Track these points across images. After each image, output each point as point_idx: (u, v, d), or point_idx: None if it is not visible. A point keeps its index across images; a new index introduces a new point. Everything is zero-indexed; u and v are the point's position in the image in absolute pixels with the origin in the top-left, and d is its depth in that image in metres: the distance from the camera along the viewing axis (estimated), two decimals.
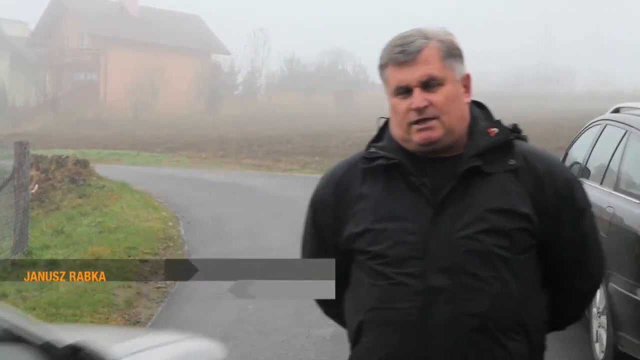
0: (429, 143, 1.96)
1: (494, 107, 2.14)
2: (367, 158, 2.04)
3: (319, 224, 2.13)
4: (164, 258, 9.34)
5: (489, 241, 1.91)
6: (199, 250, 9.87)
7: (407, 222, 1.94)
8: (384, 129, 2.09)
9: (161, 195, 14.75)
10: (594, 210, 5.44)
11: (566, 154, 6.74)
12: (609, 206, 4.96)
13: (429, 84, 1.95)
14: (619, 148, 5.34)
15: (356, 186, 2.04)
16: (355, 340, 2.04)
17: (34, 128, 40.46)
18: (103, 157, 24.54)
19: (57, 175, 15.11)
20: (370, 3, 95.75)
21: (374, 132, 2.09)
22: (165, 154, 25.71)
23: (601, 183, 5.43)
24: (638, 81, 55.49)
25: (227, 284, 8.34)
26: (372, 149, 2.05)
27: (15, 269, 8.19)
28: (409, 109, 1.95)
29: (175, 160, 23.82)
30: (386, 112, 2.06)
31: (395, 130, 2.01)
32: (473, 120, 2.02)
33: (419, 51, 1.95)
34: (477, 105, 2.09)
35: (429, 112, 1.95)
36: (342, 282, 2.09)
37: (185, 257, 9.51)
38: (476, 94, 2.05)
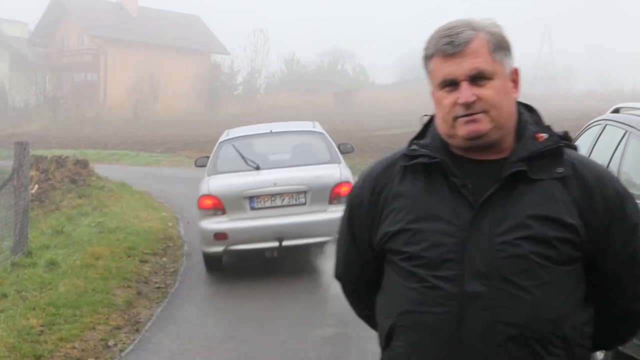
0: (476, 137, 1.86)
1: None
2: (407, 155, 1.96)
3: (354, 221, 2.05)
4: (164, 258, 9.34)
5: (529, 248, 1.82)
6: (199, 250, 9.86)
7: (445, 224, 1.86)
8: (428, 126, 2.00)
9: (161, 196, 14.75)
10: None
11: None
12: None
13: (477, 78, 1.85)
14: (618, 148, 5.34)
15: (394, 184, 1.96)
16: (386, 343, 1.96)
17: (33, 128, 40.46)
18: (103, 157, 24.54)
19: (57, 176, 15.11)
20: (370, 3, 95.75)
21: (373, 133, 2.03)
22: (165, 154, 25.70)
23: None
24: (638, 81, 55.54)
25: (226, 285, 8.45)
26: (414, 147, 1.96)
27: (15, 269, 8.19)
28: (456, 104, 1.86)
29: (175, 160, 23.80)
30: (385, 113, 2.02)
31: (440, 125, 1.92)
32: (522, 124, 1.93)
33: (467, 43, 1.85)
34: (527, 108, 1.99)
35: (477, 107, 1.85)
36: (376, 282, 2.03)
37: (185, 257, 9.51)
38: None
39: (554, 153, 1.90)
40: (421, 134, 2.00)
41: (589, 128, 6.40)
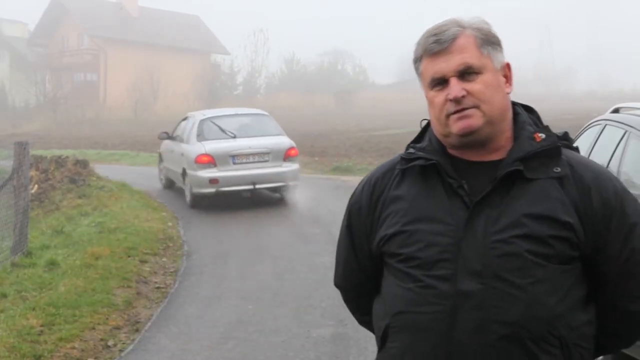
0: (469, 132, 1.85)
1: None
2: (405, 159, 1.96)
3: (353, 228, 2.06)
4: (164, 258, 9.34)
5: (524, 246, 1.80)
6: (199, 250, 9.87)
7: (440, 224, 1.86)
8: (426, 130, 2.00)
9: (160, 196, 14.75)
10: None
11: None
12: None
13: (466, 73, 1.85)
14: (618, 148, 5.34)
15: (392, 188, 1.96)
16: (381, 344, 1.97)
17: (33, 128, 40.46)
18: (103, 157, 24.52)
19: (56, 176, 15.11)
20: (370, 3, 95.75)
21: (373, 133, 2.04)
22: None
23: None
24: (638, 81, 55.55)
25: (226, 285, 8.48)
26: (411, 150, 1.96)
27: (15, 269, 8.19)
28: (447, 101, 1.86)
29: None
30: (385, 113, 2.02)
31: (435, 126, 1.92)
32: (519, 124, 1.92)
33: (453, 39, 1.86)
34: (527, 110, 1.99)
35: (468, 102, 1.84)
36: (375, 289, 2.03)
37: (184, 257, 9.51)
38: None
39: (551, 153, 1.89)
40: (419, 138, 2.01)
41: (589, 128, 6.40)
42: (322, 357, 5.74)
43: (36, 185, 14.07)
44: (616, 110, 5.97)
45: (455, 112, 1.85)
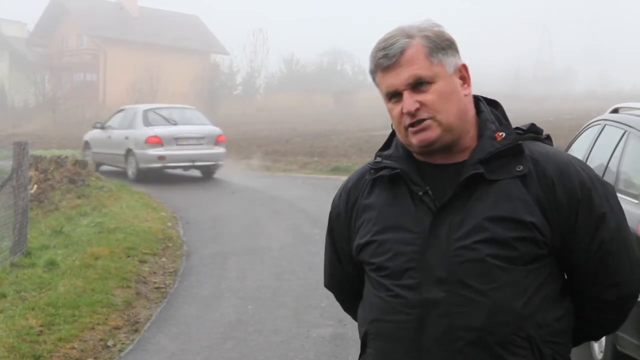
0: (428, 144, 1.87)
1: None
2: (373, 168, 1.99)
3: (334, 232, 2.11)
4: (163, 259, 9.34)
5: (486, 251, 1.81)
6: (199, 250, 9.86)
7: (406, 233, 1.88)
8: (394, 135, 2.00)
9: (160, 196, 14.74)
10: None
11: None
12: None
13: (418, 85, 1.86)
14: (617, 148, 5.34)
15: (363, 197, 2.00)
16: (362, 350, 2.02)
17: (33, 128, 40.42)
18: None
19: (56, 176, 15.10)
20: (370, 3, 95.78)
21: (373, 133, 2.05)
22: None
23: None
24: (638, 81, 55.53)
25: (226, 285, 8.48)
26: (378, 159, 1.99)
27: (14, 269, 8.19)
28: (402, 113, 1.87)
29: None
30: (385, 113, 2.02)
31: (398, 135, 1.95)
32: (483, 123, 1.92)
33: (401, 52, 1.85)
34: (492, 104, 1.99)
35: (422, 114, 1.85)
36: (361, 291, 2.05)
37: (184, 257, 9.50)
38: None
39: (513, 151, 1.87)
40: (387, 144, 2.02)
41: (588, 128, 6.40)
42: (321, 357, 5.74)
43: (35, 186, 14.05)
44: (615, 111, 5.97)
45: (411, 125, 1.87)
